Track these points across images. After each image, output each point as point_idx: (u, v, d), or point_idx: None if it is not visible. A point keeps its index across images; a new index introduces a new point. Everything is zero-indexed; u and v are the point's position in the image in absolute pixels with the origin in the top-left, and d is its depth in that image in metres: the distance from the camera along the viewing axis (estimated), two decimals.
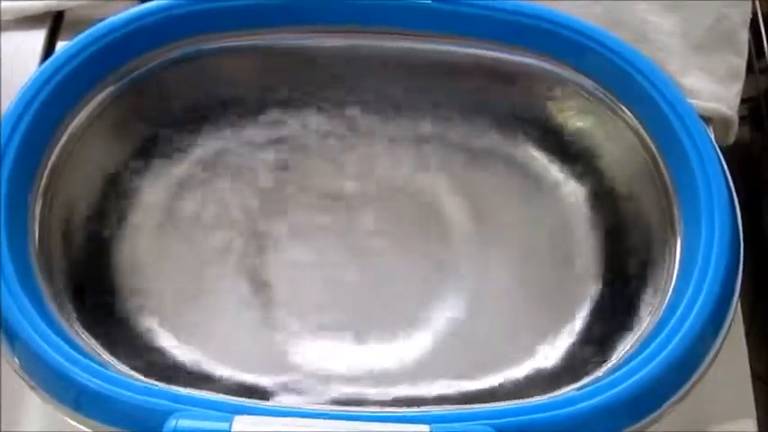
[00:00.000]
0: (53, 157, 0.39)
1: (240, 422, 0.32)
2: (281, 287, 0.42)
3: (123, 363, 0.37)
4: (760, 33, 0.50)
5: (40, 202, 0.38)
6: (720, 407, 0.41)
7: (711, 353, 0.36)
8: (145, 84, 0.42)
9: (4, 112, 0.39)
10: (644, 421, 0.34)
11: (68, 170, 0.40)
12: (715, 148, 0.39)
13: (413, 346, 0.40)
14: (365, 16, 0.42)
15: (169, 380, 0.36)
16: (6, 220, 0.36)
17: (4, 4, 0.49)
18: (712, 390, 0.38)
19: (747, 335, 0.43)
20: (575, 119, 0.44)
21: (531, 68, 0.43)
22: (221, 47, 0.43)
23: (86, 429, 0.34)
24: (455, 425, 0.32)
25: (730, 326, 0.36)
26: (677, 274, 0.38)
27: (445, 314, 0.41)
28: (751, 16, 0.49)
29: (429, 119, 0.45)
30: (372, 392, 0.39)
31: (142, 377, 0.36)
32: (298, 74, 0.44)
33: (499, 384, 0.39)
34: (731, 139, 0.46)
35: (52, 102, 0.39)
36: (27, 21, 0.49)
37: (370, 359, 0.40)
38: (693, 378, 0.35)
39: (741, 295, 0.37)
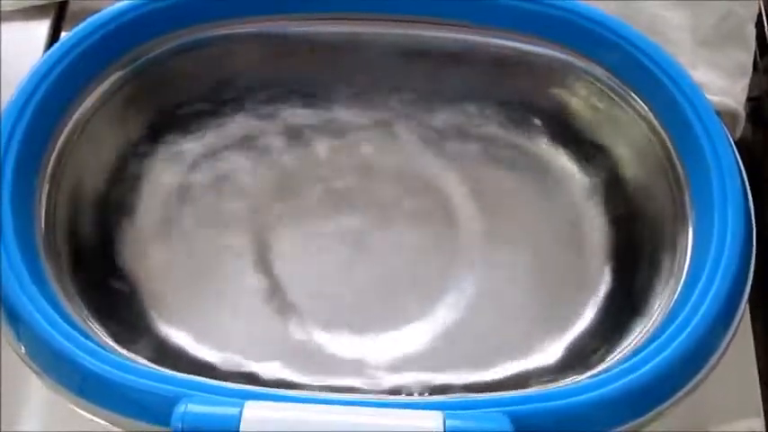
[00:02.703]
0: (60, 143, 0.39)
1: (251, 407, 0.31)
2: (288, 278, 0.41)
3: (129, 349, 0.37)
4: (764, 32, 0.50)
5: (47, 186, 0.38)
6: (728, 405, 0.41)
7: (722, 346, 0.35)
8: (150, 71, 0.42)
9: (10, 97, 0.38)
10: (655, 411, 0.34)
11: (75, 155, 0.40)
12: (728, 138, 0.38)
13: (423, 335, 0.40)
14: (376, 3, 0.42)
15: (175, 368, 0.35)
16: (12, 204, 0.36)
17: None
18: (720, 388, 0.37)
19: (754, 333, 0.43)
20: (587, 109, 0.43)
21: (542, 57, 0.43)
22: (227, 34, 0.43)
23: (91, 417, 0.33)
24: (469, 412, 0.32)
25: (741, 319, 0.36)
26: (688, 266, 0.37)
27: (455, 304, 0.41)
28: (758, 13, 0.49)
29: (438, 109, 0.45)
30: (384, 382, 0.38)
31: (149, 363, 0.36)
32: (306, 62, 0.44)
33: (508, 374, 0.39)
34: (738, 134, 0.47)
35: (58, 88, 0.39)
36: (31, 11, 0.49)
37: (380, 349, 0.40)
38: (705, 369, 0.35)
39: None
